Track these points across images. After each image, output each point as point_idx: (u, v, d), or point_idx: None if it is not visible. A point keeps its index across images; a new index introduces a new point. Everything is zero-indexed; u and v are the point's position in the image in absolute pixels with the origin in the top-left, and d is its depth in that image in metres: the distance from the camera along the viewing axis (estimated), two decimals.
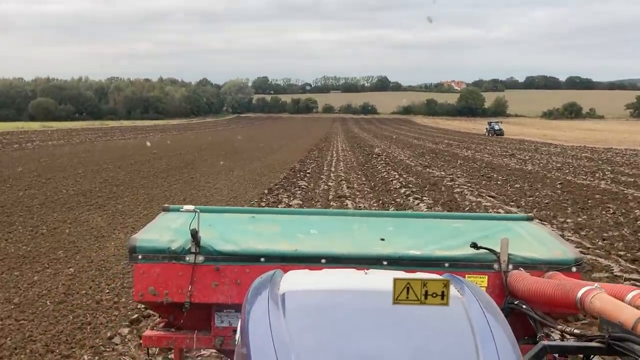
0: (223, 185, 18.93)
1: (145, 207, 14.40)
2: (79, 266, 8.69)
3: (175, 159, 29.23)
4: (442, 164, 28.30)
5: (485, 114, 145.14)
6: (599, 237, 11.35)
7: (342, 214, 4.59)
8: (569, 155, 36.55)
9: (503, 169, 25.96)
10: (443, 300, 2.03)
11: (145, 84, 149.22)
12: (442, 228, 3.76)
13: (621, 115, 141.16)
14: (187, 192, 17.18)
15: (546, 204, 15.43)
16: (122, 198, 15.76)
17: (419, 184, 19.69)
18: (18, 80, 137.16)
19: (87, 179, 19.98)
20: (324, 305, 2.22)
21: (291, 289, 2.34)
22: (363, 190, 18.38)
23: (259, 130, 74.60)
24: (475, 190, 17.97)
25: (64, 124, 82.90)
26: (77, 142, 44.58)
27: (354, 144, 47.77)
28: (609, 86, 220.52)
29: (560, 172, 24.57)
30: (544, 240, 3.47)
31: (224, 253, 3.17)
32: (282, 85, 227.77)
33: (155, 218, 3.75)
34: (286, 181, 20.27)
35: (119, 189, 17.66)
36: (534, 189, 18.60)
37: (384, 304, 2.05)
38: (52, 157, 29.17)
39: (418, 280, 2.03)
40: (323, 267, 3.00)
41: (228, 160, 29.04)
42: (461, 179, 21.44)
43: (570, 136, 63.54)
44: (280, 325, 2.04)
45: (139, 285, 3.19)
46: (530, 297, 2.82)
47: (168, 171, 23.24)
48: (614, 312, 2.26)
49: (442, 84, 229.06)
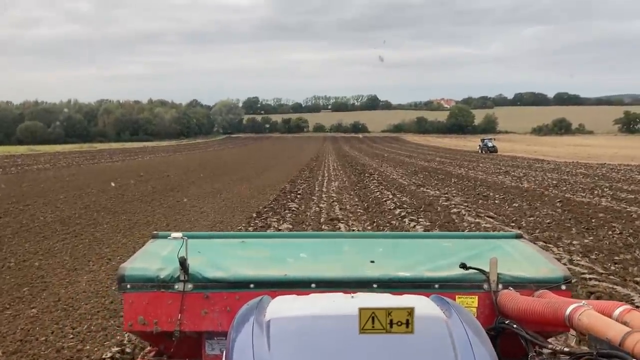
0: (210, 209, 18.08)
1: (125, 234, 13.54)
2: (43, 306, 7.82)
3: (161, 181, 28.38)
4: (436, 183, 27.59)
5: (475, 131, 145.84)
6: (610, 260, 10.58)
7: (332, 236, 4.57)
8: (563, 171, 36.00)
9: (499, 187, 25.28)
10: (408, 328, 2.03)
11: (134, 106, 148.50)
12: (431, 248, 3.77)
13: (610, 130, 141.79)
14: (171, 218, 16.33)
15: (548, 225, 14.67)
16: (102, 225, 14.87)
17: (414, 205, 18.93)
18: (6, 104, 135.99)
19: (68, 205, 19.09)
20: (309, 332, 2.22)
21: (276, 316, 2.33)
22: (356, 211, 17.60)
23: (249, 151, 73.81)
24: (473, 211, 17.21)
25: (51, 147, 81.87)
26: (63, 166, 43.64)
27: (345, 162, 47.10)
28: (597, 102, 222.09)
29: (557, 189, 23.91)
30: (532, 258, 3.46)
31: (213, 280, 3.12)
32: (273, 105, 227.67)
33: (144, 245, 3.69)
34: (276, 203, 19.44)
35: (100, 215, 16.77)
36: (534, 208, 17.87)
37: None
38: (34, 182, 28.25)
39: (383, 310, 2.04)
40: (312, 291, 2.96)
41: (216, 182, 28.24)
42: (457, 198, 20.71)
43: (561, 152, 63.27)
44: (264, 352, 2.04)
45: (128, 315, 3.14)
46: (521, 316, 2.82)
47: (153, 195, 22.38)
48: (601, 328, 2.28)
49: (431, 101, 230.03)
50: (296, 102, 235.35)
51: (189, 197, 21.61)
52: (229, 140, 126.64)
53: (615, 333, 2.20)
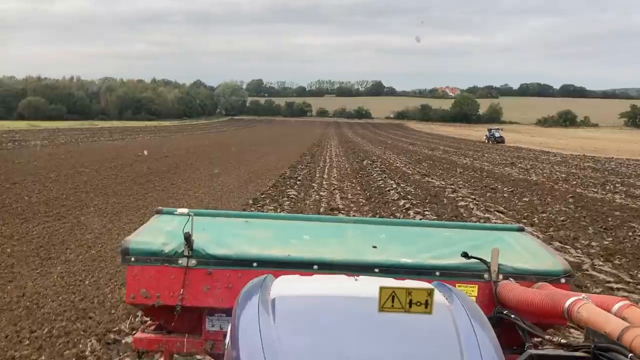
0: (204, 194, 17.20)
1: (112, 219, 12.69)
2: (4, 302, 6.86)
3: (158, 162, 27.48)
4: (441, 172, 26.69)
5: (479, 121, 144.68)
6: (636, 266, 9.71)
7: (336, 220, 4.57)
8: (571, 164, 35.08)
9: (506, 178, 24.38)
10: (427, 309, 2.03)
11: (138, 85, 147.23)
12: (434, 236, 3.76)
13: (615, 123, 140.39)
14: (162, 202, 15.41)
15: (562, 222, 13.78)
16: (88, 208, 14.02)
17: (419, 195, 18.05)
18: (8, 79, 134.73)
19: (58, 184, 18.21)
20: (314, 311, 2.22)
21: (281, 294, 2.32)
22: (358, 201, 16.74)
23: (251, 133, 72.80)
24: (482, 204, 16.32)
25: (52, 123, 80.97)
26: (61, 143, 42.78)
27: (347, 149, 46.16)
28: (602, 95, 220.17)
29: (567, 183, 23.00)
30: (534, 251, 3.47)
31: (216, 257, 3.15)
32: (277, 89, 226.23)
33: (149, 220, 3.71)
34: (274, 189, 18.56)
35: (88, 196, 15.91)
36: (545, 203, 16.98)
37: (372, 310, 2.04)
38: (28, 159, 27.39)
39: (403, 289, 2.04)
40: (315, 273, 2.97)
41: (214, 165, 27.37)
42: (464, 190, 19.82)
43: (566, 144, 62.30)
44: (270, 330, 2.04)
45: (130, 288, 3.15)
46: (519, 306, 2.82)
47: (148, 176, 21.50)
48: (600, 322, 2.28)
49: (436, 89, 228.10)
50: (300, 86, 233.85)
51: (185, 180, 20.74)
52: (232, 122, 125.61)
53: (614, 327, 2.19)
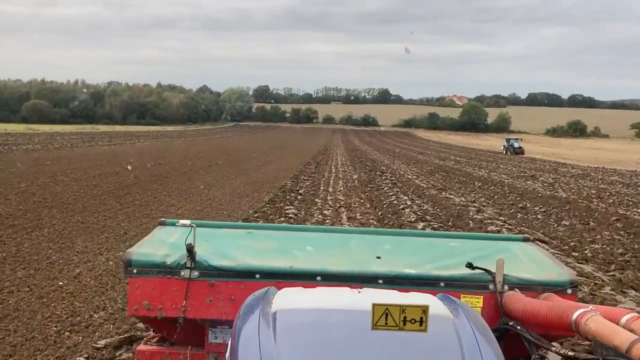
0: (188, 211, 14.71)
1: (61, 246, 10.19)
2: None
3: (148, 170, 25.13)
4: (458, 187, 24.21)
5: (487, 130, 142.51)
6: None
7: (339, 231, 4.46)
8: (594, 178, 32.55)
9: (532, 194, 21.87)
10: (422, 326, 2.00)
11: (143, 89, 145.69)
12: (438, 247, 3.71)
13: (626, 134, 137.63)
14: (136, 221, 13.03)
15: (624, 258, 11.17)
16: (42, 229, 11.54)
17: (440, 217, 15.56)
18: (13, 82, 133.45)
19: (22, 197, 15.84)
20: (315, 326, 2.19)
21: (283, 307, 2.31)
22: (369, 222, 14.27)
23: (255, 140, 70.45)
24: (515, 229, 13.80)
25: (52, 127, 79.14)
26: (55, 148, 40.61)
27: (354, 157, 43.76)
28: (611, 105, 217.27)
29: (603, 202, 20.47)
30: (539, 261, 3.42)
31: (219, 268, 3.13)
32: (283, 95, 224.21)
33: (151, 232, 3.69)
34: (270, 206, 16.08)
35: (50, 213, 13.49)
36: (590, 229, 14.45)
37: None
38: (7, 165, 25.12)
39: (397, 306, 2.01)
40: (318, 284, 2.94)
41: (209, 174, 25.01)
42: (489, 210, 17.33)
43: (579, 155, 59.84)
44: (270, 344, 2.02)
45: (133, 300, 3.13)
46: (525, 318, 2.76)
47: (130, 187, 19.13)
48: (608, 334, 2.23)
49: (443, 98, 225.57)
50: (306, 93, 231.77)
51: (171, 192, 18.35)
52: (236, 128, 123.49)
53: (622, 340, 2.12)
